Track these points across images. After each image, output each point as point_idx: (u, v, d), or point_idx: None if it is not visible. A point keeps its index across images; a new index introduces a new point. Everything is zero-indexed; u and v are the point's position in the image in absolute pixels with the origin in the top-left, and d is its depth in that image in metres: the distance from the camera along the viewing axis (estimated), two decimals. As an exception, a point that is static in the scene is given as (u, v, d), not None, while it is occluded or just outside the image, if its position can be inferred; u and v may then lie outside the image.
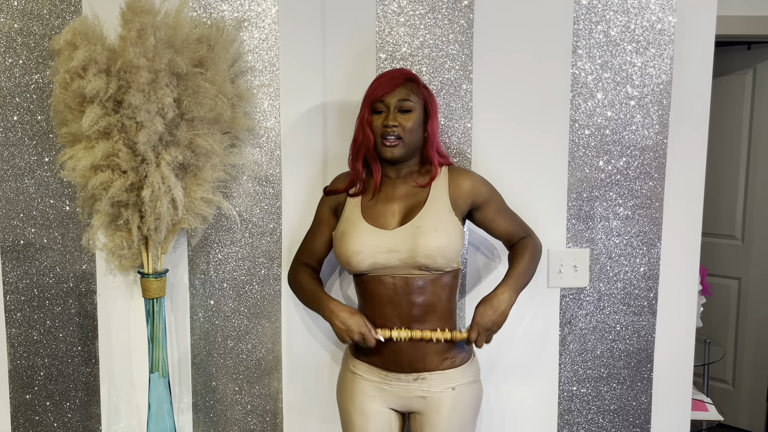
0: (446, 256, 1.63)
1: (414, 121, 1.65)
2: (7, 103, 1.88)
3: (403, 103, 1.64)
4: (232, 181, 1.92)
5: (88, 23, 1.68)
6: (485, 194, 1.73)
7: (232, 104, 1.80)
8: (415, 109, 1.66)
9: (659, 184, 1.96)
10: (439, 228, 1.63)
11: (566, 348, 2.01)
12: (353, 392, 1.72)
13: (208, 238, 1.95)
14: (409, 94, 1.65)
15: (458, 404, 1.69)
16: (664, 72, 1.92)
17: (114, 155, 1.70)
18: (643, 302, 2.00)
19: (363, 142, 1.67)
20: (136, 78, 1.64)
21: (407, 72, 1.69)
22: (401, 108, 1.65)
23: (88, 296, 1.97)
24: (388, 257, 1.63)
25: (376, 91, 1.65)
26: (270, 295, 1.98)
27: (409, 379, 1.68)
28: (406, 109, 1.65)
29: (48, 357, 1.98)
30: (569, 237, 1.97)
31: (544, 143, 1.93)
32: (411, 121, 1.65)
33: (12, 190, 1.91)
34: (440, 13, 1.89)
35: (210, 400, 2.02)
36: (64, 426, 2.01)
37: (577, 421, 2.04)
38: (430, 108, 1.69)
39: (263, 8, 1.89)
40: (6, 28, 1.86)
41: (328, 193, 1.78)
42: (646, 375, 2.02)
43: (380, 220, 1.67)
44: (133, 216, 1.75)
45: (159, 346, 1.85)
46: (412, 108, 1.65)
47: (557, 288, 1.99)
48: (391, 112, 1.64)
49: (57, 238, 1.94)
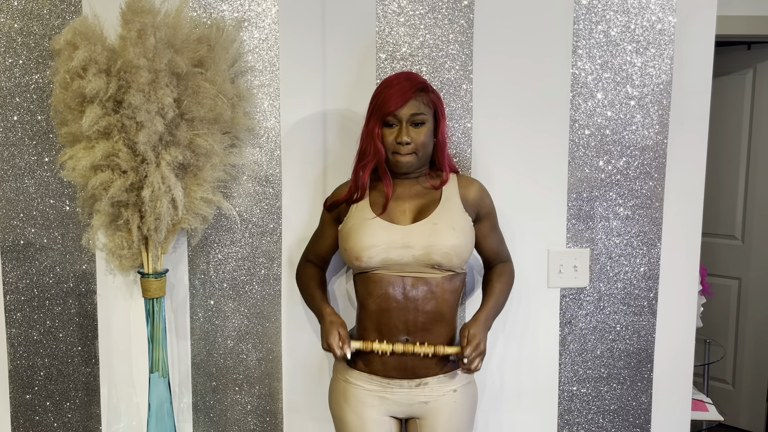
0: (461, 255, 1.63)
1: (426, 134, 1.63)
2: (7, 103, 1.88)
3: (416, 117, 1.61)
4: (232, 181, 1.92)
5: (88, 23, 1.68)
6: (488, 207, 1.74)
7: (232, 104, 1.80)
8: (428, 121, 1.64)
9: (659, 184, 1.96)
10: (457, 227, 1.63)
11: (566, 348, 2.01)
12: (350, 402, 1.69)
13: (208, 238, 1.95)
14: (420, 106, 1.62)
15: (459, 406, 1.69)
16: (664, 72, 1.92)
17: (114, 155, 1.70)
18: (643, 302, 2.00)
19: (373, 157, 1.64)
20: (136, 78, 1.64)
21: (417, 81, 1.64)
22: (414, 122, 1.62)
23: (88, 296, 1.97)
24: (402, 253, 1.61)
25: (387, 105, 1.60)
26: (270, 295, 1.98)
27: (412, 386, 1.67)
28: (419, 122, 1.62)
29: (48, 357, 1.98)
30: (569, 237, 1.97)
31: (544, 143, 1.93)
32: (423, 135, 1.63)
33: (12, 190, 1.91)
34: (440, 13, 1.89)
35: (210, 400, 2.02)
36: (64, 426, 2.01)
37: (577, 421, 2.04)
38: (440, 114, 1.67)
39: (263, 8, 1.89)
40: (6, 28, 1.86)
41: (330, 208, 1.76)
42: (646, 375, 2.02)
43: (392, 216, 1.66)
44: (133, 216, 1.75)
45: (159, 346, 1.85)
46: (425, 120, 1.63)
47: (557, 288, 1.99)
48: (404, 126, 1.61)
49: (57, 238, 1.94)
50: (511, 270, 1.81)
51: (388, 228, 1.63)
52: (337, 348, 1.60)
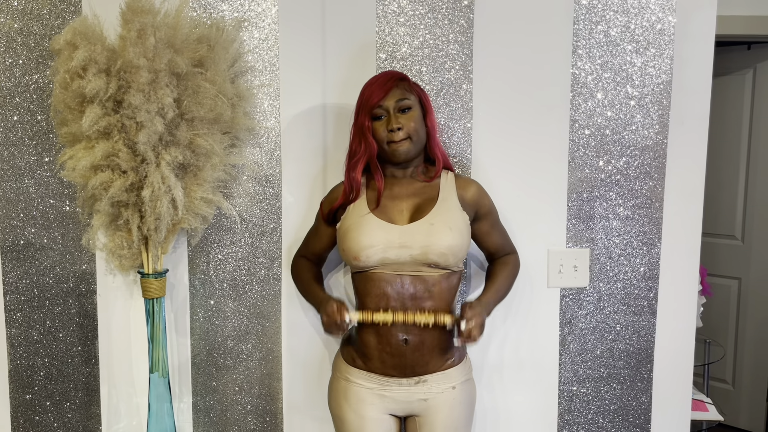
0: (457, 255, 1.63)
1: (416, 118, 1.66)
2: (7, 103, 1.88)
3: (401, 102, 1.64)
4: (232, 181, 1.92)
5: (88, 23, 1.68)
6: (487, 206, 1.75)
7: (232, 104, 1.80)
8: (414, 106, 1.66)
9: (659, 184, 1.96)
10: (454, 227, 1.63)
11: (566, 348, 2.01)
12: (349, 400, 1.70)
13: (208, 238, 1.95)
14: (404, 92, 1.66)
15: (458, 403, 1.69)
16: (664, 72, 1.92)
17: (114, 155, 1.70)
18: (643, 302, 2.00)
19: (365, 151, 1.66)
20: (136, 78, 1.64)
21: (395, 73, 1.69)
22: (401, 108, 1.65)
23: (88, 296, 1.97)
24: (399, 253, 1.62)
25: (371, 98, 1.63)
26: (270, 295, 1.98)
27: (411, 383, 1.67)
28: (406, 107, 1.65)
29: (48, 357, 1.98)
30: (569, 237, 1.97)
31: (544, 143, 1.93)
32: (413, 119, 1.65)
33: (12, 190, 1.91)
34: (440, 13, 1.89)
35: (210, 400, 2.02)
36: (64, 426, 2.01)
37: (577, 421, 2.04)
38: (425, 101, 1.71)
39: (263, 8, 1.89)
40: (6, 28, 1.86)
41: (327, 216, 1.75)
42: (646, 375, 2.02)
43: (389, 216, 1.67)
44: (133, 216, 1.75)
45: (159, 346, 1.85)
46: (411, 105, 1.66)
47: (557, 288, 1.99)
48: (392, 114, 1.64)
49: (57, 238, 1.94)
50: (516, 260, 1.82)
51: (385, 228, 1.64)
52: (336, 314, 1.59)
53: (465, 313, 1.59)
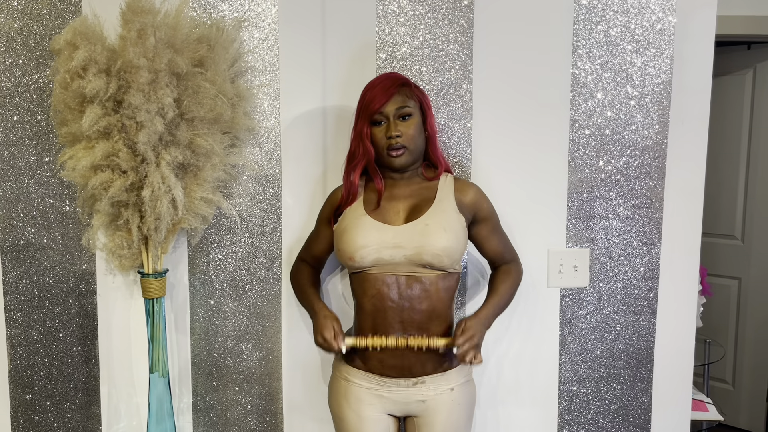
0: (452, 256, 1.63)
1: (415, 126, 1.65)
2: (7, 103, 1.88)
3: (401, 110, 1.64)
4: (232, 181, 1.92)
5: (88, 23, 1.68)
6: (486, 210, 1.74)
7: (232, 104, 1.80)
8: (414, 114, 1.66)
9: (659, 184, 1.96)
10: (449, 228, 1.63)
11: (566, 348, 2.01)
12: (348, 400, 1.70)
13: (208, 238, 1.95)
14: (405, 99, 1.65)
15: (457, 404, 1.69)
16: (664, 72, 1.92)
17: (114, 155, 1.70)
18: (643, 302, 2.00)
19: (363, 156, 1.67)
20: (136, 78, 1.64)
21: (398, 77, 1.68)
22: (401, 115, 1.64)
23: (88, 296, 1.97)
24: (393, 253, 1.62)
25: (373, 104, 1.63)
26: (270, 295, 1.98)
27: (409, 384, 1.67)
28: (406, 114, 1.65)
29: (48, 357, 1.98)
30: (569, 237, 1.97)
31: (544, 143, 1.93)
32: (412, 127, 1.65)
33: (12, 190, 1.91)
34: (440, 13, 1.89)
35: (210, 400, 2.02)
36: (64, 426, 2.01)
37: (577, 421, 2.04)
38: (426, 107, 1.70)
39: (263, 8, 1.89)
40: (6, 28, 1.86)
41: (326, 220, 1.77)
42: (646, 375, 2.02)
43: (385, 216, 1.67)
44: (133, 216, 1.75)
45: (159, 346, 1.85)
46: (411, 113, 1.65)
47: (557, 288, 1.99)
48: (392, 121, 1.64)
49: (57, 238, 1.94)
50: (518, 270, 1.81)
51: (380, 228, 1.64)
52: (332, 341, 1.61)
53: (457, 338, 1.59)
